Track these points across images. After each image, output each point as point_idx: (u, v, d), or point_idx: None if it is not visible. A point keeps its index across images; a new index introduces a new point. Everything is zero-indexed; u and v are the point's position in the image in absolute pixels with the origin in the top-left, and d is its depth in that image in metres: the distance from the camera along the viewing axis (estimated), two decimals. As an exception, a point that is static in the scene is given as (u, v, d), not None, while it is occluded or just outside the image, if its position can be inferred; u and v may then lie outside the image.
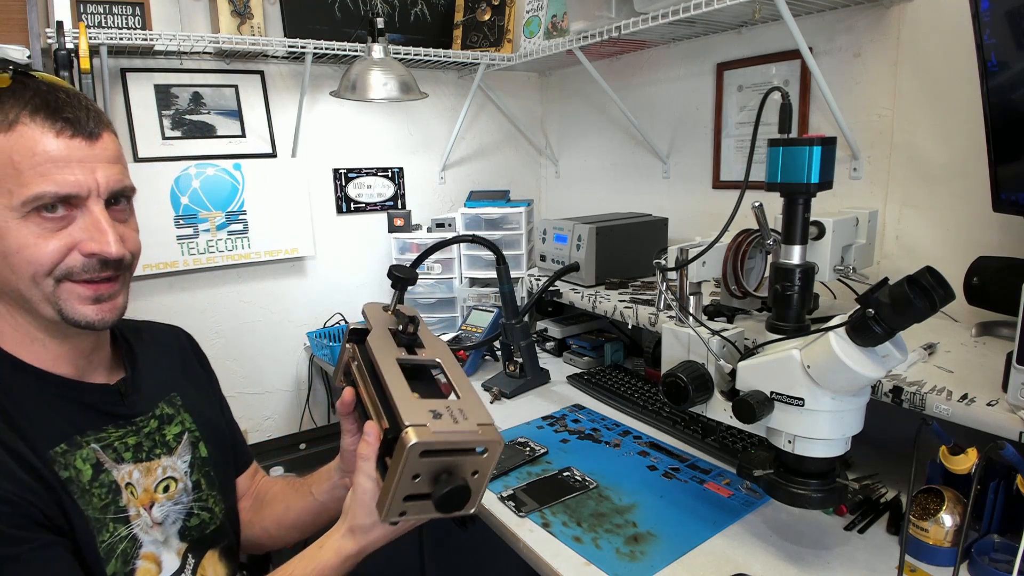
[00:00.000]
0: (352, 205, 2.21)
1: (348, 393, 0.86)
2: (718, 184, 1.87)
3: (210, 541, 0.89)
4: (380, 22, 1.83)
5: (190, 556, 0.85)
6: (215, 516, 0.91)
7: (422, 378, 0.83)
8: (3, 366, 0.75)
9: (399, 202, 2.31)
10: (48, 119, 0.70)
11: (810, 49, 1.42)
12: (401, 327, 0.84)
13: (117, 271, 0.76)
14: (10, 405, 0.72)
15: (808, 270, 0.91)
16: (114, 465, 0.78)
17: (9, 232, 0.70)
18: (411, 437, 0.66)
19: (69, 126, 0.71)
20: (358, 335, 0.87)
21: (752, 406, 0.88)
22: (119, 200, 0.77)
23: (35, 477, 0.69)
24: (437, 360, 0.84)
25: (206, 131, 1.91)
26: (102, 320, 0.76)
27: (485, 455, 0.72)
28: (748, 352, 0.95)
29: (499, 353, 1.80)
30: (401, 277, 0.89)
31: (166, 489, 0.84)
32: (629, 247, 1.79)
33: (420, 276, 2.07)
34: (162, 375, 0.92)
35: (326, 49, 1.86)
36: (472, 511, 0.74)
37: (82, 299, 0.74)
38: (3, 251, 0.71)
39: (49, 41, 1.53)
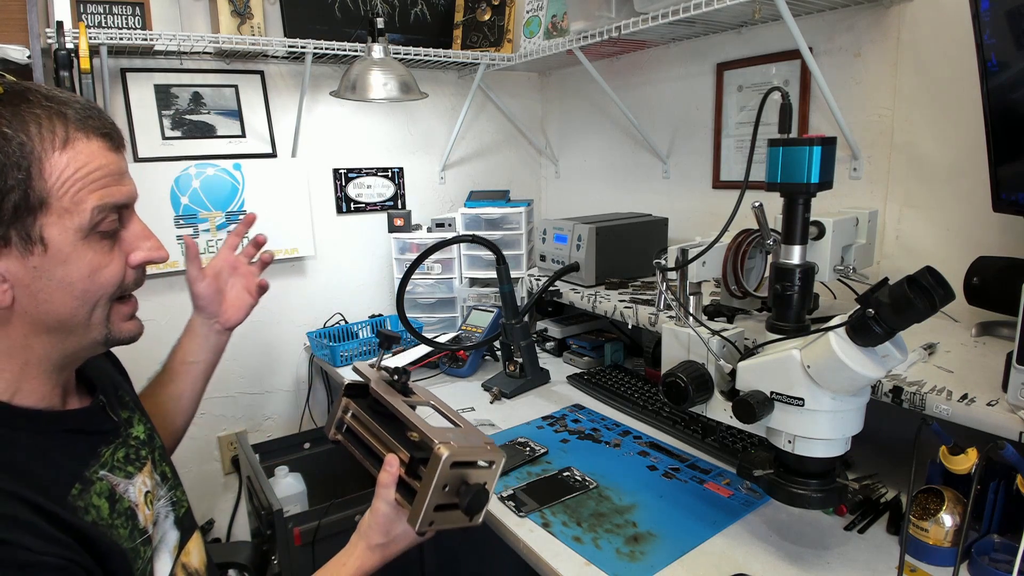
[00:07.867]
0: (352, 205, 2.21)
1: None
2: (718, 184, 1.87)
3: (189, 525, 0.88)
4: (380, 22, 1.83)
5: (178, 547, 0.84)
6: (182, 499, 0.89)
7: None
8: None
9: (399, 202, 2.31)
10: (100, 133, 0.67)
11: (810, 49, 1.42)
12: (396, 377, 0.98)
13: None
14: (15, 458, 0.63)
15: (808, 270, 0.91)
16: (128, 484, 0.74)
17: (76, 256, 0.65)
18: (443, 451, 0.80)
19: (114, 139, 0.69)
20: (355, 390, 1.00)
21: (752, 406, 0.88)
22: None
23: (70, 532, 0.62)
24: (431, 403, 0.99)
25: (206, 131, 1.91)
26: (140, 334, 0.75)
27: (491, 467, 0.88)
28: (748, 352, 0.95)
29: (499, 353, 1.80)
30: (387, 335, 1.03)
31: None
32: (629, 247, 1.79)
33: (420, 276, 2.08)
34: (105, 376, 0.87)
35: (326, 49, 1.85)
36: (480, 520, 0.88)
37: (124, 317, 0.73)
38: (70, 278, 0.65)
39: (49, 41, 1.53)
